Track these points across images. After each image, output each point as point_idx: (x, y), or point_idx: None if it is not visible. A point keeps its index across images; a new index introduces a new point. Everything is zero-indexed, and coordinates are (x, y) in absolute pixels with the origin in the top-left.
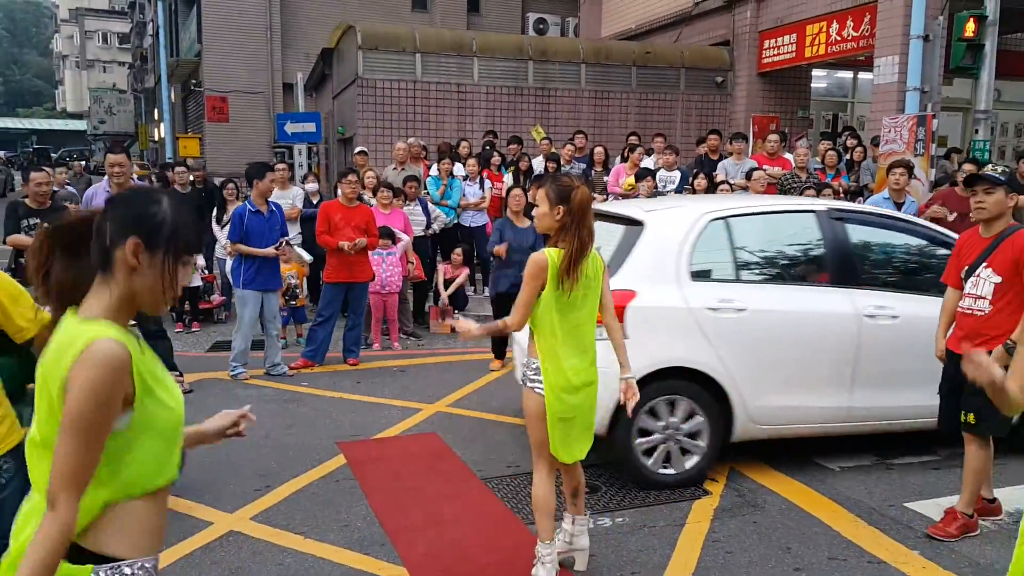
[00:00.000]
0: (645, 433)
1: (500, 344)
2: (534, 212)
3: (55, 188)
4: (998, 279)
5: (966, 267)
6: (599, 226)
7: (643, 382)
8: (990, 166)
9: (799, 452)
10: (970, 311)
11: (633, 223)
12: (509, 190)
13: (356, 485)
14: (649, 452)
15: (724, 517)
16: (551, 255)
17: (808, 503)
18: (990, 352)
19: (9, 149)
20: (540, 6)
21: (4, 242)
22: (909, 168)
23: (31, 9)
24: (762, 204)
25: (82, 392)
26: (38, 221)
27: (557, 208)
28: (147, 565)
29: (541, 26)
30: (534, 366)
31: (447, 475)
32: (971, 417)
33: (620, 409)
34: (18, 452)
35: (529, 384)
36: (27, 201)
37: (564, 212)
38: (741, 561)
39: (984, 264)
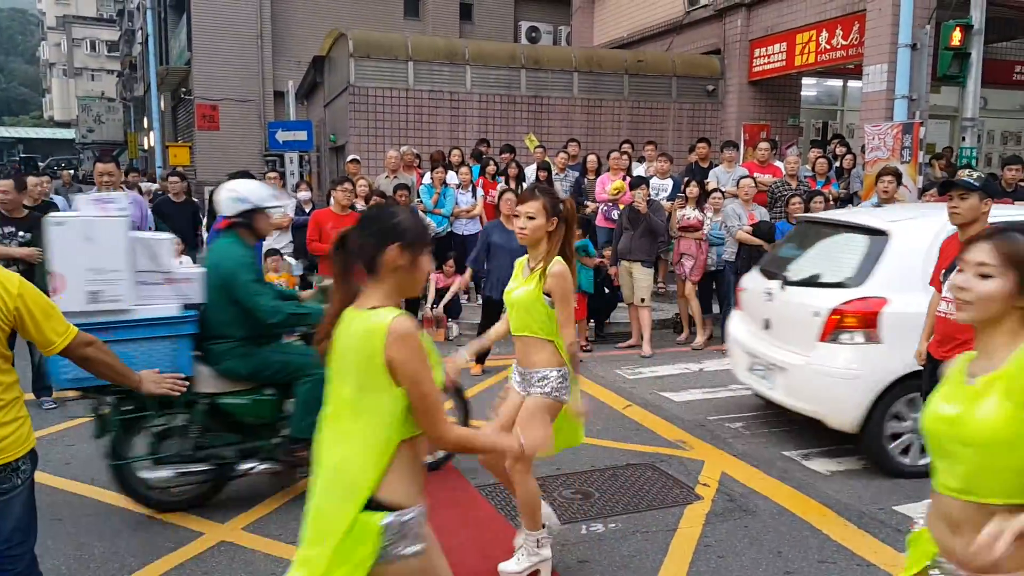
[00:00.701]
0: (896, 433)
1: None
2: (529, 224)
3: (47, 198)
4: None
5: (943, 271)
6: (840, 235)
7: (894, 383)
8: (967, 172)
9: (789, 457)
10: (945, 315)
11: (876, 233)
12: (501, 193)
13: None
14: (899, 446)
15: (716, 522)
16: (565, 266)
17: (799, 507)
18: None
19: None
20: (532, 14)
21: None
22: (898, 176)
23: (17, 16)
24: (1004, 214)
25: (411, 353)
26: (12, 229)
27: (552, 221)
28: (422, 511)
29: (533, 34)
30: (561, 373)
31: (440, 483)
32: None
33: (873, 407)
34: (33, 455)
35: (556, 394)
36: None
37: (557, 224)
38: (733, 565)
39: (958, 268)
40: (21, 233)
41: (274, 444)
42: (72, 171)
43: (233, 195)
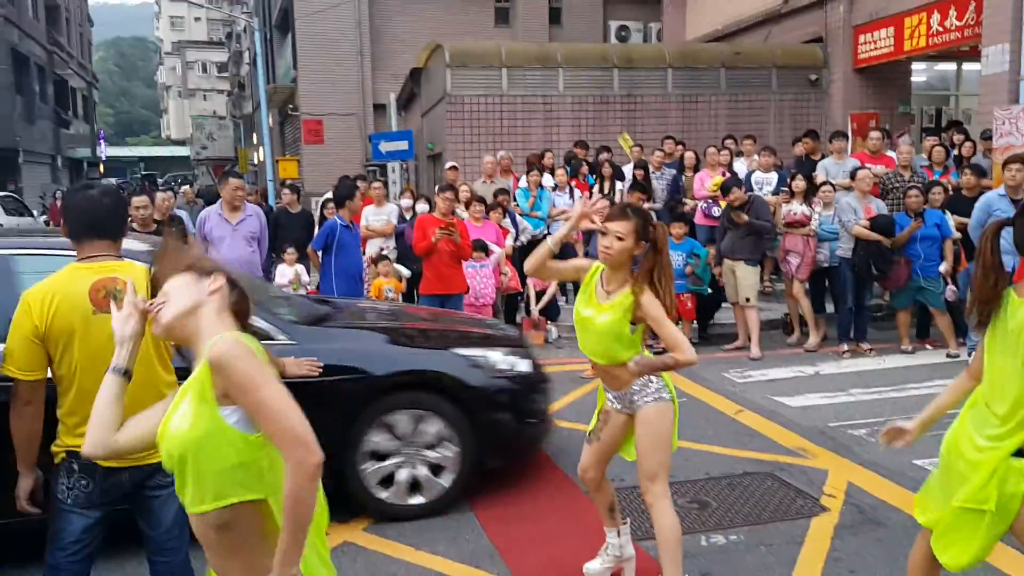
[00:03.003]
0: None
1: None
2: (617, 245)
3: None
4: None
5: None
6: None
7: None
8: None
9: (921, 466)
10: None
11: None
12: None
13: (464, 501)
14: None
15: (845, 535)
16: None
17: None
18: None
19: (120, 176)
20: (622, 13)
21: None
22: None
23: (138, 44)
24: None
25: None
26: None
27: (641, 244)
28: None
29: (623, 33)
30: (659, 384)
31: (552, 488)
32: None
33: None
34: None
35: (658, 400)
36: (134, 225)
37: (645, 250)
38: None
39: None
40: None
41: None
42: (189, 186)
43: None
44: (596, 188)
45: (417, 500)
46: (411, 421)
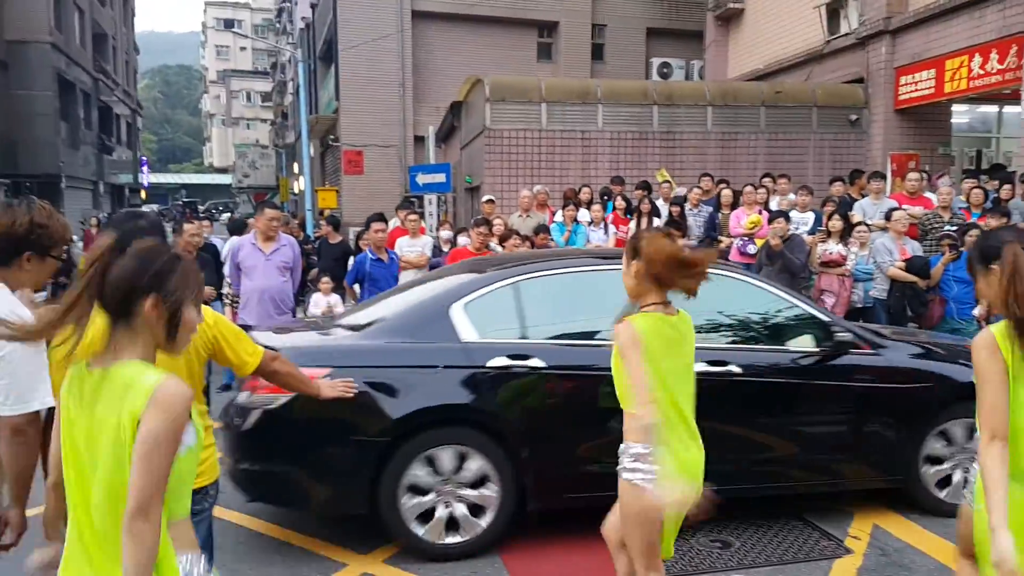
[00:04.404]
0: None
1: None
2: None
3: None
4: None
5: None
6: None
7: None
8: None
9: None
10: None
11: None
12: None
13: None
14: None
15: None
16: (636, 322)
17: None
18: None
19: (162, 203)
20: (664, 50)
21: None
22: None
23: (183, 73)
24: None
25: None
26: None
27: (632, 264)
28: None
29: (665, 70)
30: (635, 450)
31: (574, 525)
32: None
33: None
34: (217, 484)
35: (627, 475)
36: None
37: (638, 266)
38: None
39: None
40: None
41: None
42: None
43: None
44: (633, 224)
45: None
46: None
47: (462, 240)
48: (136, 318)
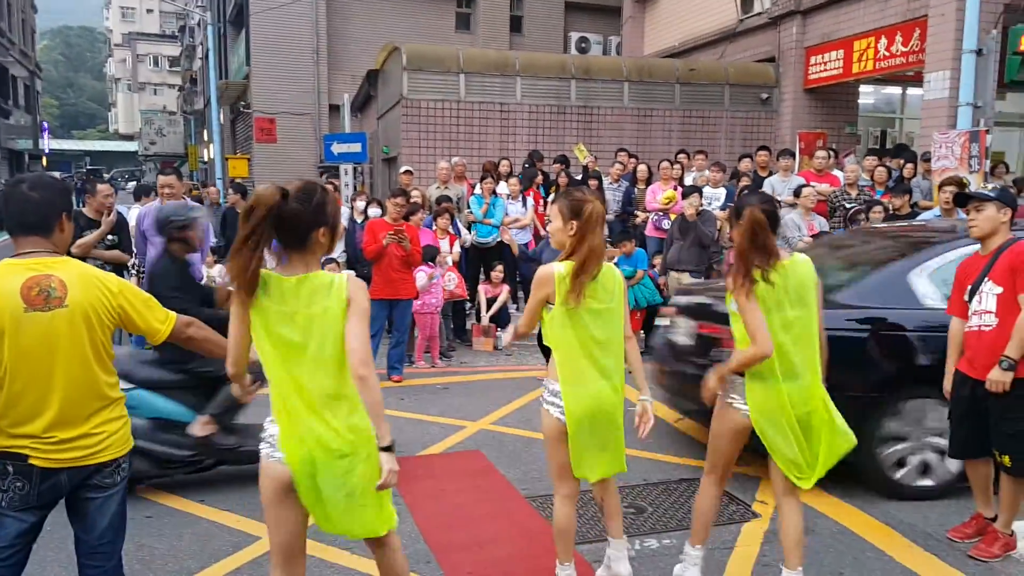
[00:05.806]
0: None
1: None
2: (548, 227)
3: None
4: (999, 289)
5: (968, 288)
6: None
7: None
8: (987, 184)
9: (851, 475)
10: (978, 328)
11: None
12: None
13: (401, 502)
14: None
15: (775, 540)
16: (558, 268)
17: (861, 527)
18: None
19: (64, 170)
20: (582, 25)
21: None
22: (960, 186)
23: (86, 35)
24: None
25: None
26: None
27: (570, 223)
28: None
29: (583, 45)
30: (553, 388)
31: (491, 493)
32: (1007, 460)
33: None
34: (131, 456)
35: (546, 405)
36: (87, 212)
37: (576, 227)
38: None
39: (985, 279)
40: (109, 237)
41: None
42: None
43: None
44: (551, 199)
45: None
46: None
47: (373, 212)
48: (311, 244)
